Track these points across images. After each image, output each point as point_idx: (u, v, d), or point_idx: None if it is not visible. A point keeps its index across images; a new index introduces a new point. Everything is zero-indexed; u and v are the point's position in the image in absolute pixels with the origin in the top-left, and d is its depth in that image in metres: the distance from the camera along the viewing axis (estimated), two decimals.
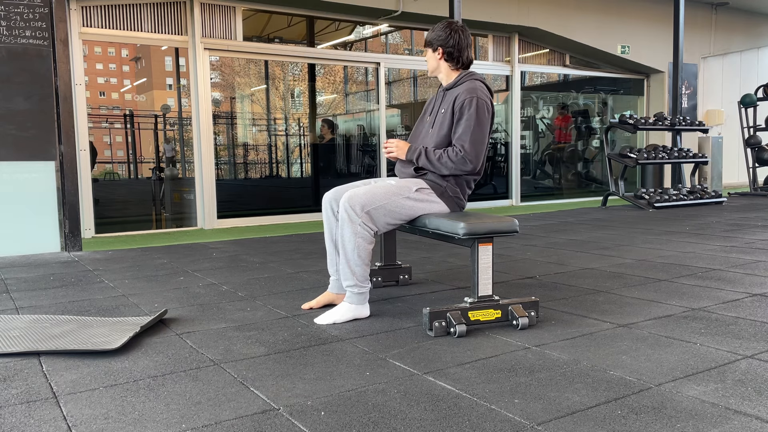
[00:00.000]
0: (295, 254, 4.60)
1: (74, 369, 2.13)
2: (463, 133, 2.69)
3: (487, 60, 8.67)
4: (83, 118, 5.90)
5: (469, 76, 2.85)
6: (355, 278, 2.66)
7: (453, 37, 2.84)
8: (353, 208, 2.61)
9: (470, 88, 2.74)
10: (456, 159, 2.69)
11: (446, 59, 2.87)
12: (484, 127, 2.73)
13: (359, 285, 2.68)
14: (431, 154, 2.75)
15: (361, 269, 2.66)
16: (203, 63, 6.48)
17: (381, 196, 2.66)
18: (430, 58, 2.90)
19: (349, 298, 2.70)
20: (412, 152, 2.80)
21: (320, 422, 1.66)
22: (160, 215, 6.63)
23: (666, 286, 3.25)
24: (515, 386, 1.88)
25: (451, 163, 2.70)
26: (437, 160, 2.73)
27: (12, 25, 4.71)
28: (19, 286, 3.61)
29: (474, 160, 2.69)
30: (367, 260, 2.67)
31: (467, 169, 2.71)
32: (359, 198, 2.62)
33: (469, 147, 2.67)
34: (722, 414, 1.66)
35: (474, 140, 2.68)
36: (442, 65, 2.89)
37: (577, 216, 6.95)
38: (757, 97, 9.26)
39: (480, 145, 2.71)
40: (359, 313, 2.71)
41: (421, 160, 2.77)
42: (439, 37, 2.85)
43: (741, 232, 5.27)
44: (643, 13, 9.74)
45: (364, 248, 2.65)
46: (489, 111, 2.76)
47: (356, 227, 2.62)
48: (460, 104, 2.72)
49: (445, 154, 2.71)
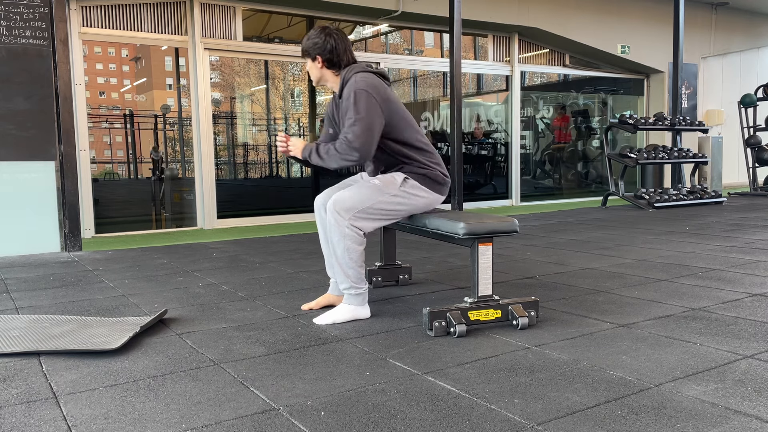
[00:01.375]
0: (295, 254, 4.60)
1: (74, 369, 2.13)
2: (347, 126, 2.64)
3: (487, 60, 8.67)
4: (83, 118, 5.90)
5: (349, 71, 2.76)
6: (349, 280, 2.67)
7: (329, 42, 2.76)
8: (339, 212, 2.61)
9: (350, 84, 2.69)
10: (341, 149, 2.62)
11: (327, 66, 2.79)
12: (369, 116, 2.61)
13: (355, 286, 2.68)
14: (320, 148, 2.71)
15: (355, 271, 2.66)
16: (203, 63, 6.48)
17: (367, 197, 2.65)
18: (311, 68, 2.82)
19: (348, 300, 2.70)
20: (306, 150, 2.77)
21: (320, 422, 1.66)
22: (160, 215, 6.63)
23: (666, 286, 3.25)
24: (515, 386, 1.88)
25: (337, 154, 2.64)
26: (326, 153, 2.68)
27: (12, 25, 4.71)
28: (19, 286, 3.61)
29: (360, 148, 2.59)
30: (359, 261, 2.66)
31: (354, 158, 2.62)
32: (345, 201, 2.62)
33: (352, 136, 2.60)
34: (722, 414, 1.66)
35: (356, 130, 2.59)
36: (325, 73, 2.81)
37: (577, 216, 6.95)
38: (757, 97, 9.26)
39: (366, 134, 2.60)
40: (359, 313, 2.70)
41: (312, 156, 2.74)
42: (315, 45, 2.77)
43: (741, 232, 5.27)
44: (643, 13, 9.74)
45: (355, 250, 2.64)
46: (371, 98, 2.63)
47: (344, 230, 2.62)
48: (344, 103, 2.69)
49: (332, 147, 2.67)
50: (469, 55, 8.62)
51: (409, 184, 2.74)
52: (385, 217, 2.71)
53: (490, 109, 8.99)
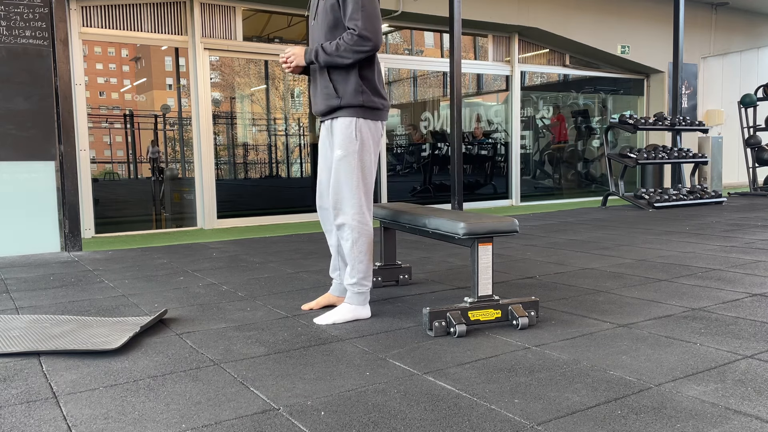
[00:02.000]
0: (295, 254, 4.60)
1: (74, 369, 2.13)
2: (353, 12, 2.50)
3: (487, 60, 8.67)
4: (83, 118, 5.90)
5: None
6: (358, 274, 2.65)
7: None
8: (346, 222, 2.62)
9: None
10: (353, 40, 2.48)
11: None
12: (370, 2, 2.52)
13: (361, 283, 2.66)
14: (327, 46, 2.55)
15: (364, 265, 2.65)
16: (203, 63, 6.48)
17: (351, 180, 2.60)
18: None
19: (350, 298, 2.69)
20: (309, 54, 2.63)
21: (320, 422, 1.66)
22: (160, 215, 6.63)
23: (666, 286, 3.25)
24: (515, 386, 1.88)
25: (348, 46, 2.50)
26: (335, 50, 2.53)
27: (12, 25, 4.71)
28: (19, 286, 3.61)
29: (373, 36, 2.48)
30: (368, 255, 2.66)
31: (368, 47, 2.49)
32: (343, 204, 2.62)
33: (362, 23, 2.47)
34: (722, 414, 1.66)
35: (366, 15, 2.49)
36: None
37: (577, 216, 6.95)
38: (757, 97, 9.26)
39: (375, 19, 2.51)
40: (360, 314, 2.70)
41: (320, 57, 2.57)
42: None
43: (741, 232, 5.27)
44: (643, 13, 9.74)
45: (363, 242, 2.64)
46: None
47: (352, 223, 2.62)
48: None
49: (341, 41, 2.52)
50: (469, 55, 8.62)
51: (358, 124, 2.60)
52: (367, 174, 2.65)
53: (490, 109, 8.99)
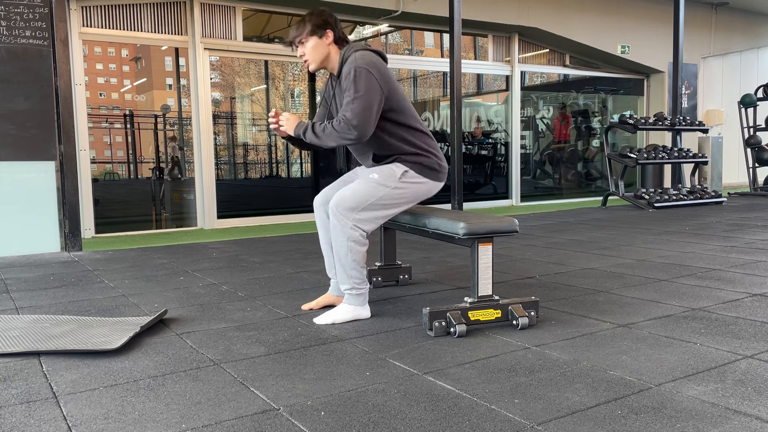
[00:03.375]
0: (295, 254, 4.60)
1: (74, 369, 2.13)
2: (346, 103, 2.58)
3: (487, 60, 8.67)
4: (83, 118, 5.90)
5: (349, 50, 2.71)
6: (351, 281, 2.65)
7: (333, 17, 2.72)
8: (342, 213, 2.59)
9: (350, 61, 2.63)
10: (339, 127, 2.55)
11: (336, 42, 2.73)
12: (368, 94, 2.56)
13: (356, 287, 2.67)
14: (316, 126, 2.64)
15: (357, 272, 2.65)
16: (203, 63, 6.48)
17: (368, 195, 2.61)
18: (316, 47, 2.70)
19: (349, 300, 2.69)
20: (299, 127, 2.68)
21: (320, 422, 1.66)
22: (160, 215, 6.63)
23: (666, 286, 3.25)
24: (515, 386, 1.88)
25: (335, 132, 2.57)
26: (322, 131, 2.61)
27: (12, 25, 4.71)
28: (19, 286, 3.61)
29: (358, 126, 2.53)
30: (361, 262, 2.65)
31: (352, 136, 2.55)
32: (346, 201, 2.59)
33: (350, 114, 2.54)
34: (722, 414, 1.66)
35: (355, 108, 2.54)
36: (331, 51, 2.73)
37: (577, 216, 6.95)
38: (757, 97, 9.26)
39: (365, 112, 2.55)
40: (359, 314, 2.70)
41: (307, 134, 2.65)
42: (324, 20, 2.69)
43: (741, 232, 5.27)
44: (643, 13, 9.74)
45: (358, 251, 2.63)
46: (371, 76, 2.58)
47: (347, 231, 2.60)
48: (344, 81, 2.63)
49: (329, 125, 2.60)
50: (469, 55, 8.62)
51: (409, 176, 2.69)
52: (387, 212, 2.68)
53: (490, 109, 8.99)
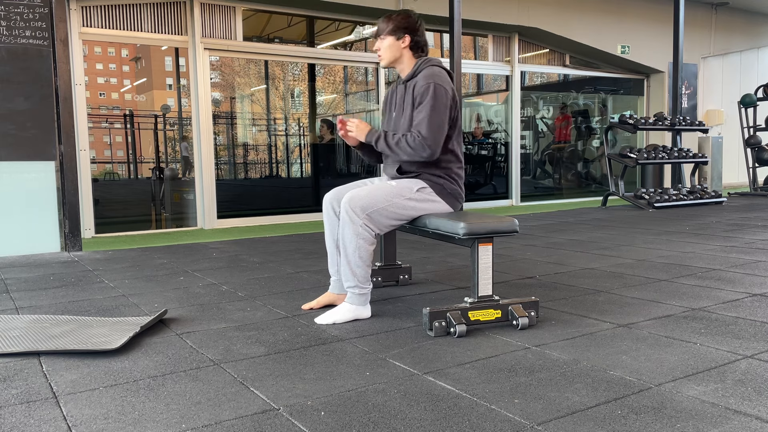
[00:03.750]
0: (295, 254, 4.60)
1: (74, 369, 2.13)
2: (421, 120, 2.64)
3: (487, 60, 8.67)
4: (83, 118, 5.90)
5: (426, 62, 2.79)
6: (356, 279, 2.66)
7: (421, 26, 2.81)
8: (354, 210, 2.60)
9: (428, 75, 2.70)
10: (414, 144, 2.63)
11: (411, 48, 2.81)
12: (442, 113, 2.65)
13: (360, 286, 2.67)
14: (390, 138, 2.70)
15: (362, 270, 2.65)
16: (203, 63, 6.48)
17: (382, 198, 2.64)
18: (391, 46, 2.79)
19: (350, 299, 2.69)
20: (371, 135, 2.75)
21: (320, 422, 1.66)
22: (160, 215, 6.63)
23: (666, 286, 3.25)
24: (515, 386, 1.88)
25: (408, 148, 2.65)
26: (395, 144, 2.68)
27: (12, 25, 4.71)
28: (19, 286, 3.61)
29: (432, 146, 2.63)
30: (368, 261, 2.66)
31: (425, 155, 2.64)
32: (361, 200, 2.61)
33: (426, 132, 2.61)
34: (722, 414, 1.66)
35: (431, 126, 2.62)
36: (405, 54, 2.82)
37: (577, 216, 6.95)
38: (757, 97, 9.26)
39: (438, 131, 2.64)
40: (360, 313, 2.70)
41: (379, 143, 2.72)
42: (406, 24, 2.78)
43: (741, 232, 5.27)
44: (643, 13, 9.74)
45: (365, 249, 2.64)
46: (448, 96, 2.68)
47: (357, 228, 2.61)
48: (419, 92, 2.68)
49: (404, 139, 2.66)
50: (469, 55, 8.62)
51: (425, 192, 2.73)
52: (398, 220, 2.71)
53: (490, 109, 8.99)
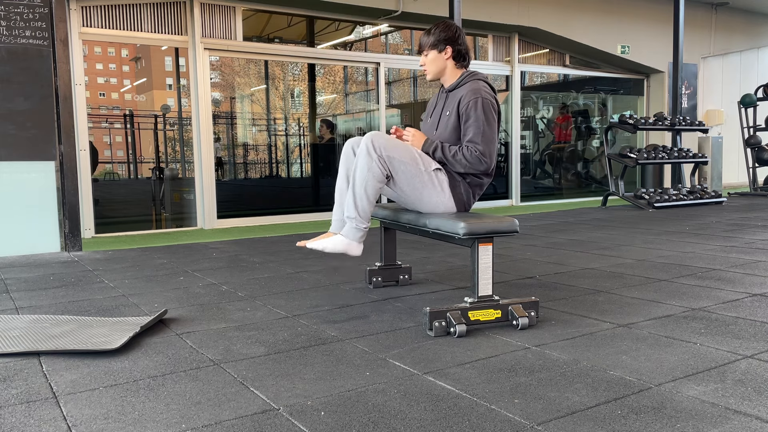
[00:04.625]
0: (295, 254, 4.60)
1: (74, 369, 2.13)
2: (474, 134, 2.69)
3: (487, 60, 8.67)
4: (83, 118, 5.90)
5: (471, 76, 2.84)
6: (356, 211, 2.67)
7: (461, 35, 2.85)
8: (374, 145, 2.62)
9: (474, 89, 2.74)
10: (471, 157, 2.69)
11: (454, 58, 2.86)
12: (493, 126, 2.73)
13: (359, 218, 2.67)
14: (446, 149, 2.74)
15: (365, 204, 2.66)
16: (203, 63, 6.48)
17: (403, 152, 2.67)
18: (435, 60, 2.86)
19: (346, 231, 2.69)
20: (428, 144, 2.79)
21: (320, 422, 1.66)
22: (160, 215, 6.63)
23: (666, 286, 3.25)
24: (515, 386, 1.88)
25: (466, 161, 2.70)
26: (452, 156, 2.73)
27: (12, 25, 4.71)
28: (19, 286, 3.61)
29: (489, 160, 2.70)
30: (373, 198, 2.67)
31: (482, 168, 2.71)
32: (383, 140, 2.64)
33: (483, 147, 2.68)
34: (722, 414, 1.66)
35: (486, 140, 2.68)
36: (448, 65, 2.87)
37: (577, 216, 6.95)
38: (757, 97, 9.26)
39: (492, 144, 2.71)
40: (352, 249, 2.70)
41: (437, 153, 2.76)
42: (446, 36, 2.83)
43: (741, 232, 5.27)
44: (643, 13, 9.74)
45: (373, 185, 2.65)
46: (495, 110, 2.76)
47: (372, 163, 2.62)
48: (466, 105, 2.72)
49: (461, 152, 2.71)
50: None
51: (440, 178, 2.75)
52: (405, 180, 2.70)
53: None
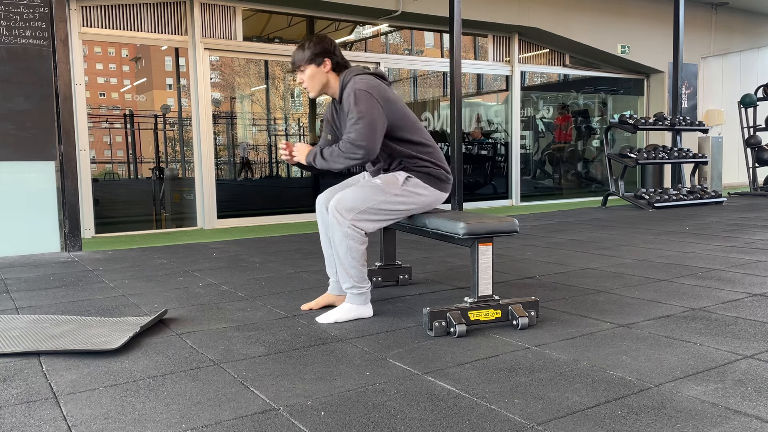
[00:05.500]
0: (295, 254, 4.60)
1: (74, 369, 2.13)
2: (349, 125, 2.62)
3: (487, 60, 8.67)
4: (83, 118, 5.90)
5: (348, 74, 2.75)
6: (352, 280, 2.66)
7: (332, 44, 2.75)
8: (340, 212, 2.60)
9: (348, 87, 2.68)
10: (345, 148, 2.59)
11: (334, 69, 2.75)
12: (368, 112, 2.58)
13: (357, 286, 2.67)
14: (325, 152, 2.67)
15: (357, 270, 2.65)
16: (203, 63, 6.48)
17: (369, 197, 2.64)
18: (314, 75, 2.73)
19: (350, 299, 2.70)
20: (310, 155, 2.73)
21: (320, 422, 1.66)
22: (160, 215, 6.63)
23: (666, 286, 3.25)
24: (515, 386, 1.88)
25: (342, 153, 2.61)
26: (329, 154, 2.65)
27: (12, 25, 4.71)
28: (19, 286, 3.61)
29: (365, 145, 2.56)
30: (361, 261, 2.66)
31: (359, 156, 2.58)
32: (346, 201, 2.61)
33: (355, 135, 2.57)
34: (722, 414, 1.66)
35: (359, 128, 2.57)
36: (330, 78, 2.76)
37: (577, 216, 6.95)
38: (757, 97, 9.26)
39: (369, 131, 2.57)
40: (361, 313, 2.70)
41: (317, 160, 2.70)
42: (322, 49, 2.71)
43: (741, 232, 5.27)
44: (643, 13, 9.74)
45: (357, 249, 2.64)
46: (372, 95, 2.61)
47: (346, 230, 2.61)
48: (346, 106, 2.66)
49: (336, 147, 2.64)
50: (469, 55, 8.62)
51: (411, 183, 2.72)
52: (387, 217, 2.71)
53: (490, 109, 8.99)
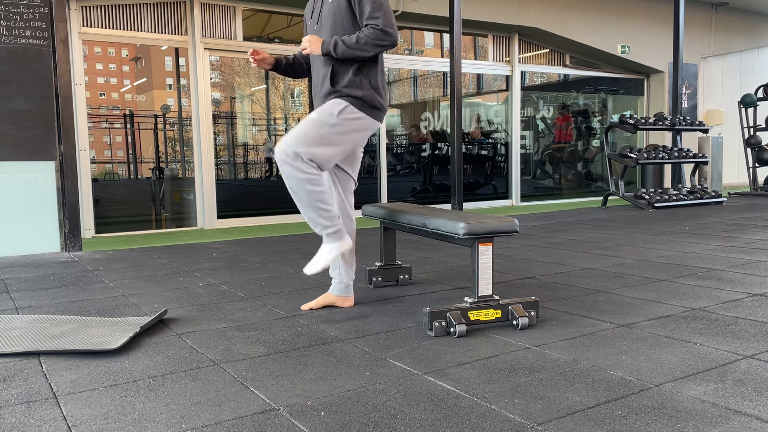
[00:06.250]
0: (295, 254, 4.60)
1: (74, 369, 2.13)
2: (372, 10, 2.57)
3: (487, 60, 8.67)
4: (83, 118, 5.90)
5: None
6: (321, 224, 2.66)
7: None
8: (288, 156, 2.55)
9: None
10: (374, 34, 2.54)
11: None
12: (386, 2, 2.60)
13: (329, 227, 2.66)
14: (347, 39, 2.58)
15: (325, 212, 2.63)
16: (203, 63, 6.48)
17: (308, 131, 2.58)
18: None
19: (327, 240, 2.70)
20: (326, 45, 2.64)
21: (320, 422, 1.66)
22: (160, 215, 6.63)
23: (666, 286, 3.25)
24: (515, 386, 1.88)
25: (371, 40, 2.55)
26: (355, 42, 2.56)
27: (12, 25, 4.71)
28: (19, 286, 3.61)
29: (393, 31, 2.55)
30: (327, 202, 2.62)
31: (389, 42, 2.56)
32: (288, 145, 2.56)
33: (383, 20, 2.54)
34: (722, 414, 1.66)
35: (385, 13, 2.56)
36: None
37: (577, 216, 6.95)
38: (757, 97, 9.26)
39: (391, 15, 2.58)
40: (341, 247, 2.70)
41: (338, 48, 2.59)
42: None
43: (741, 232, 5.27)
44: (643, 13, 9.74)
45: (317, 191, 2.59)
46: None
47: (299, 174, 2.56)
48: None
49: (362, 34, 2.58)
50: (469, 55, 8.62)
51: (347, 111, 2.67)
52: (331, 146, 2.63)
53: (490, 109, 8.99)
